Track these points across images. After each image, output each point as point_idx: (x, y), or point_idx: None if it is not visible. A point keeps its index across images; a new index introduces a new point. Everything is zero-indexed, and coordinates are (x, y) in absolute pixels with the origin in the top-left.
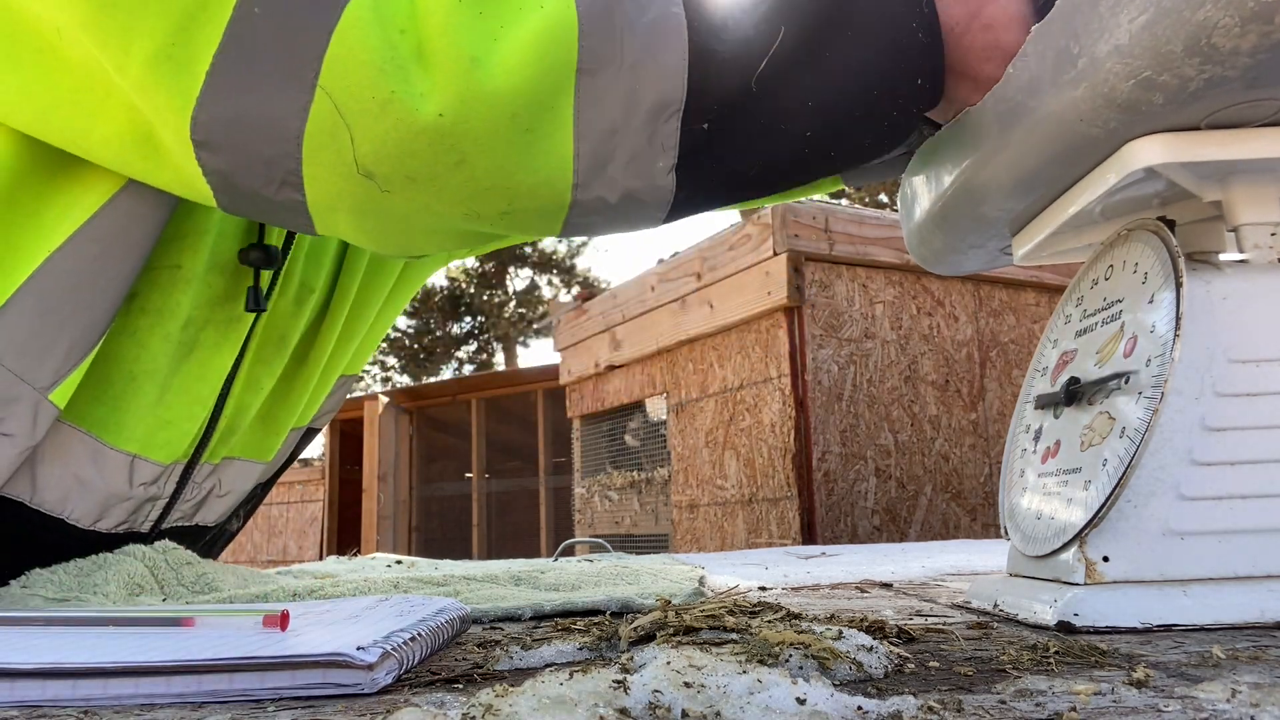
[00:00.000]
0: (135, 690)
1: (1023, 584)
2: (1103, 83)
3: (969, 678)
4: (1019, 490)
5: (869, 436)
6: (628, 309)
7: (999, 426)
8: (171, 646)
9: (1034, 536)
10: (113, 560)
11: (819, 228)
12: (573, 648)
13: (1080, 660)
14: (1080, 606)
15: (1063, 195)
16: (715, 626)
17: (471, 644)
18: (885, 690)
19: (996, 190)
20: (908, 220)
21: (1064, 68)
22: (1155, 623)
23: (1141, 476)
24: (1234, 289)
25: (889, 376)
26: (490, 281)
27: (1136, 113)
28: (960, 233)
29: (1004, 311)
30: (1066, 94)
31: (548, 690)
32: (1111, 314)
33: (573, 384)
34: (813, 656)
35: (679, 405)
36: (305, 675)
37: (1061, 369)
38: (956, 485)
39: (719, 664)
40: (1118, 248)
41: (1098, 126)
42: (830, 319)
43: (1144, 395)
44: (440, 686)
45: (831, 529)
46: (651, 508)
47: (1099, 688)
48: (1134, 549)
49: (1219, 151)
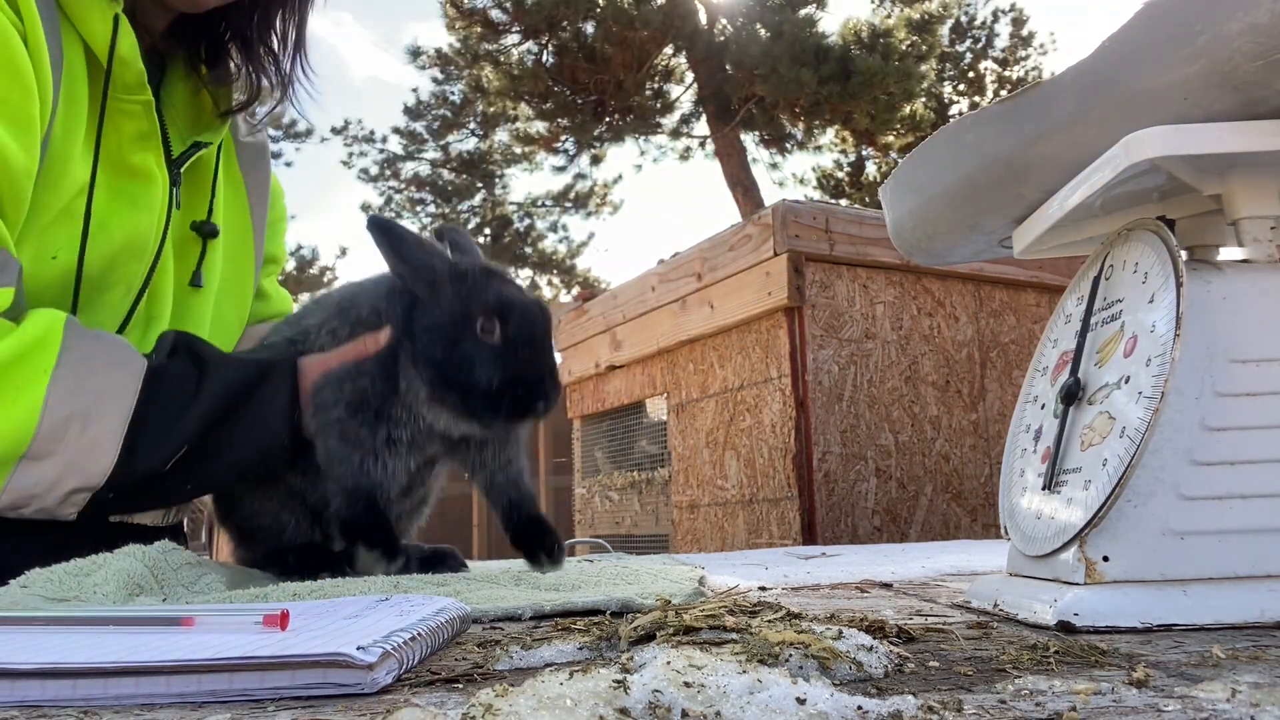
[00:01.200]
0: (135, 690)
1: (1023, 584)
2: (1225, 60)
3: (969, 677)
4: (1019, 490)
5: (869, 437)
6: (628, 309)
7: (999, 427)
8: (171, 646)
9: (1034, 536)
10: (112, 560)
11: (819, 228)
12: (573, 647)
13: (1080, 660)
14: (1080, 606)
15: (1063, 188)
16: (715, 626)
17: (471, 643)
18: (885, 690)
19: (1049, 166)
20: (900, 203)
21: (1179, 43)
22: (1155, 622)
23: (1141, 476)
24: (1234, 289)
25: (889, 377)
26: None
27: (1249, 96)
28: (974, 215)
29: (1004, 312)
30: (1177, 70)
31: (548, 690)
32: (1112, 314)
33: (573, 384)
34: (813, 656)
35: (679, 405)
36: (305, 675)
37: (1061, 369)
38: (957, 485)
39: (719, 664)
40: (1118, 247)
41: (1201, 107)
42: (831, 319)
43: (1144, 395)
44: (440, 686)
45: (832, 529)
46: (652, 508)
47: (1099, 687)
48: (1134, 549)
49: (1219, 144)
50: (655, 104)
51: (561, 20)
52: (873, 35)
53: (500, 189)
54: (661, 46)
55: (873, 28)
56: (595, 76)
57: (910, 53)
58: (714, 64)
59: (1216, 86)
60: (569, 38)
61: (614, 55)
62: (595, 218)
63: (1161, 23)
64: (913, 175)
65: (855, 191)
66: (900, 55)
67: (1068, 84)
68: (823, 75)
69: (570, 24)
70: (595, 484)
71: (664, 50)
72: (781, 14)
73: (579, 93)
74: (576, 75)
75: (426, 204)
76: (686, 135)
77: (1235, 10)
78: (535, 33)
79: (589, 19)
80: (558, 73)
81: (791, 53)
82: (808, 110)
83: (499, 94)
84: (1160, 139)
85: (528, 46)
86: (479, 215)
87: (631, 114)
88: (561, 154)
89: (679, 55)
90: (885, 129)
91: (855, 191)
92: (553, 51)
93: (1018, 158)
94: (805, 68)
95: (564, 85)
